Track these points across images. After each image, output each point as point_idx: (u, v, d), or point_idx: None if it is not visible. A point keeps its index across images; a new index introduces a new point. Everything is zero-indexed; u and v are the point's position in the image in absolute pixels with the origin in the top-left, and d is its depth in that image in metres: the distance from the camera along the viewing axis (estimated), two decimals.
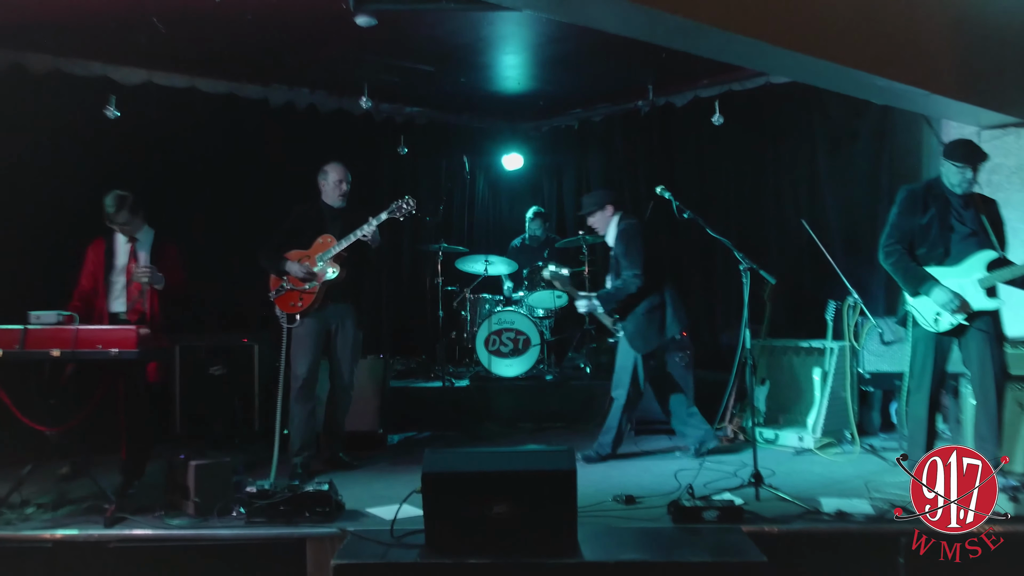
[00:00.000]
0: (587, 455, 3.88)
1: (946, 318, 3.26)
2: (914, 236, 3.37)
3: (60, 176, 4.53)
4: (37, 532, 2.82)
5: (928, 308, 3.32)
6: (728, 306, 5.43)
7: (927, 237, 3.33)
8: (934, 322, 3.30)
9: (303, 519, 2.85)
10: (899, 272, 3.36)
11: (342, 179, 3.79)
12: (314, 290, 3.67)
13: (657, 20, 2.94)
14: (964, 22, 3.96)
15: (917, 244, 3.37)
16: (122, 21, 4.11)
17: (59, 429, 3.12)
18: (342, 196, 3.80)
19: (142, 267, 3.42)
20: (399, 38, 4.58)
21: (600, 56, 4.97)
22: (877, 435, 4.42)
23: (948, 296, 3.23)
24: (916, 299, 3.35)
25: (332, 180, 3.79)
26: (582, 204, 4.11)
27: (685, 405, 4.01)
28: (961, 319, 3.25)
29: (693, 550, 2.53)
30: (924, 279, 3.29)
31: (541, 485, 2.50)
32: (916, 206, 3.35)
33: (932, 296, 3.27)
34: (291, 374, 3.67)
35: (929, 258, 3.34)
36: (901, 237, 3.37)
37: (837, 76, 3.65)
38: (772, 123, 5.44)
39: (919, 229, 3.35)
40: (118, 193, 3.45)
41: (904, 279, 3.35)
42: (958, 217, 3.30)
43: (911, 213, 3.36)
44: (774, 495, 3.10)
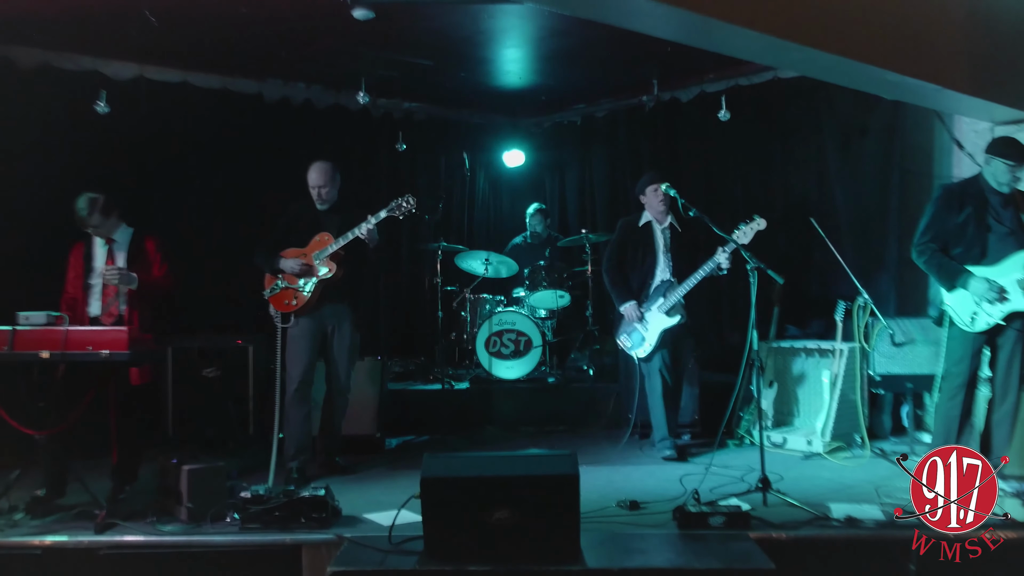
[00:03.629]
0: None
1: (983, 318, 3.23)
2: (950, 235, 3.35)
3: (49, 173, 4.47)
4: (26, 539, 2.79)
5: (965, 307, 3.29)
6: (735, 307, 5.36)
7: (963, 236, 3.31)
8: (971, 321, 3.27)
9: (299, 525, 2.82)
10: (932, 268, 3.36)
11: (318, 184, 3.67)
12: (310, 289, 3.59)
13: (662, 13, 2.90)
14: (977, 15, 3.93)
15: (953, 244, 3.35)
16: (113, 14, 4.06)
17: (48, 433, 3.07)
18: (321, 200, 3.69)
19: (111, 269, 3.35)
20: (397, 31, 4.53)
21: (603, 50, 4.92)
22: (888, 439, 4.39)
23: (985, 286, 3.20)
24: (953, 295, 3.32)
25: (309, 182, 3.70)
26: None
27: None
28: (999, 318, 3.21)
29: (699, 557, 2.50)
30: (959, 272, 3.28)
31: (543, 490, 2.48)
32: (952, 204, 3.33)
33: (970, 288, 3.25)
34: (287, 377, 3.62)
35: (965, 258, 3.31)
36: (935, 235, 3.36)
37: (847, 71, 3.60)
38: (780, 119, 5.38)
39: (955, 228, 3.33)
40: (89, 195, 3.39)
41: (939, 274, 3.35)
42: (996, 216, 3.28)
43: (947, 211, 3.34)
44: (782, 500, 3.07)
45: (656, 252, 4.00)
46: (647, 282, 4.00)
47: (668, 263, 3.98)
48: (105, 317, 3.40)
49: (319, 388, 3.80)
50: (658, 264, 3.99)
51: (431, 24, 4.44)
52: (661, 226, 4.03)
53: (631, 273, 4.06)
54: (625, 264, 4.09)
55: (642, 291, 4.01)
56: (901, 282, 4.71)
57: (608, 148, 6.38)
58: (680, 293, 3.86)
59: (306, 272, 3.59)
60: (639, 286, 4.03)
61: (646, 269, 4.00)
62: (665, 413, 3.95)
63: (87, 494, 3.03)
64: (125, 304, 3.39)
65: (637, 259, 4.03)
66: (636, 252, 4.04)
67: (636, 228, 4.06)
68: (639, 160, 6.12)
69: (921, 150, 4.77)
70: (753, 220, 3.61)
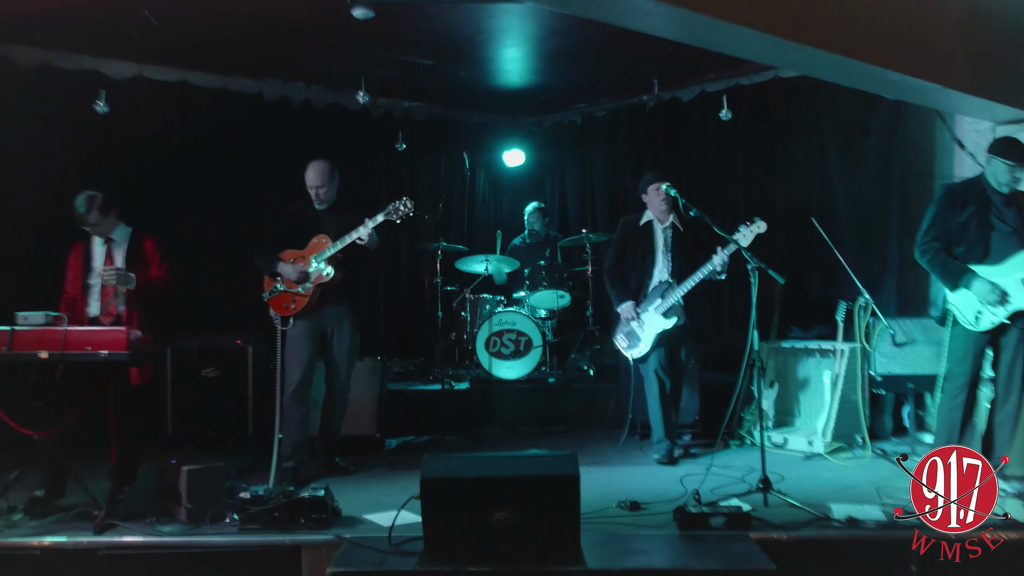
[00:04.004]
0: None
1: (987, 317, 3.23)
2: (952, 235, 3.35)
3: (48, 173, 4.48)
4: (25, 539, 2.78)
5: (969, 306, 3.28)
6: (735, 307, 5.35)
7: (966, 235, 3.30)
8: (975, 320, 3.26)
9: (298, 526, 2.81)
10: (936, 267, 3.36)
11: (315, 184, 3.66)
12: (308, 292, 3.60)
13: (663, 13, 2.89)
14: (978, 14, 3.91)
15: (956, 243, 3.34)
16: (112, 13, 4.05)
17: (47, 433, 3.06)
18: (319, 200, 3.68)
19: (108, 270, 3.34)
20: (397, 31, 4.52)
21: (604, 49, 4.91)
22: (889, 439, 4.37)
23: (987, 287, 3.20)
24: (956, 295, 3.32)
25: (307, 183, 3.68)
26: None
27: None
28: (1003, 316, 3.20)
29: (699, 557, 2.49)
30: (962, 272, 3.27)
31: (543, 491, 2.46)
32: (955, 204, 3.33)
33: (972, 289, 3.24)
34: (286, 377, 3.61)
35: (968, 257, 3.31)
36: (938, 235, 3.35)
37: (848, 70, 3.60)
38: (781, 118, 5.37)
39: (957, 228, 3.32)
40: (87, 193, 3.38)
41: (941, 274, 3.34)
42: (999, 215, 3.27)
43: (949, 211, 3.34)
44: (783, 501, 3.06)
45: (655, 252, 3.98)
46: (645, 282, 3.98)
47: (668, 263, 3.96)
48: (104, 317, 3.39)
49: (319, 388, 3.79)
50: (656, 264, 3.97)
51: (431, 23, 4.43)
52: (663, 225, 4.01)
53: (630, 272, 4.04)
54: (625, 263, 4.07)
55: (640, 291, 3.99)
56: (902, 282, 4.70)
57: (608, 148, 6.36)
58: (678, 295, 3.84)
59: (304, 277, 3.58)
60: (637, 285, 4.00)
61: (645, 268, 3.98)
62: (662, 416, 3.92)
63: (86, 495, 3.02)
64: (124, 304, 3.38)
65: (636, 258, 4.01)
66: (636, 251, 4.02)
67: (637, 227, 4.05)
68: (640, 160, 6.10)
69: (922, 150, 4.76)
70: (754, 222, 3.58)
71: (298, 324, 3.61)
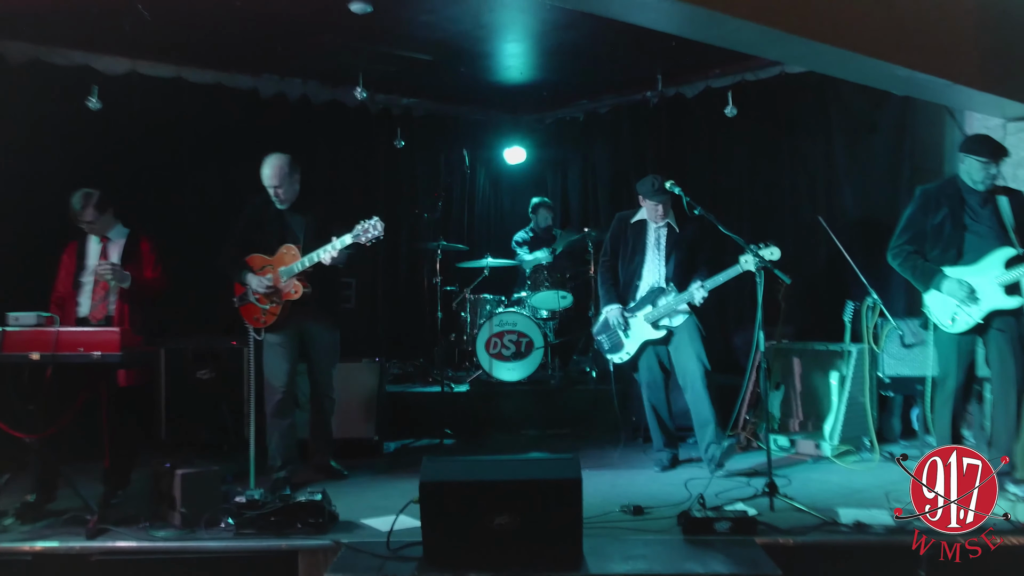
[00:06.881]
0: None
1: (962, 318, 3.22)
2: (927, 237, 3.36)
3: (40, 170, 4.45)
4: (16, 544, 2.76)
5: (943, 309, 3.30)
6: (741, 307, 5.29)
7: (940, 237, 3.32)
8: (951, 323, 3.27)
9: (295, 530, 2.79)
10: (907, 270, 3.39)
11: (272, 184, 3.40)
12: (276, 309, 3.46)
13: (667, 7, 2.87)
14: (988, 9, 3.89)
15: (931, 245, 3.36)
16: (105, 8, 4.02)
17: (39, 436, 3.03)
18: (279, 200, 3.45)
19: (104, 264, 3.30)
20: (395, 25, 4.50)
21: (607, 45, 4.88)
22: (898, 442, 4.33)
23: (955, 284, 3.21)
24: (929, 297, 3.34)
25: (263, 180, 3.41)
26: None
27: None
28: (979, 317, 3.20)
29: (704, 563, 2.48)
30: (932, 273, 3.30)
31: (545, 495, 2.45)
32: (929, 206, 3.35)
33: (943, 289, 3.26)
34: (267, 387, 3.53)
35: (943, 259, 3.32)
36: (912, 238, 3.38)
37: (855, 65, 3.57)
38: (787, 115, 5.33)
39: (932, 229, 3.34)
40: (84, 191, 3.35)
41: (913, 276, 3.38)
42: (973, 215, 3.27)
43: (923, 214, 3.37)
44: (789, 505, 3.03)
45: (646, 250, 3.85)
46: (634, 282, 3.85)
47: (661, 266, 3.83)
48: (93, 316, 3.35)
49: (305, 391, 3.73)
50: (646, 264, 3.84)
51: (430, 18, 4.41)
52: (656, 225, 3.90)
53: (620, 269, 3.95)
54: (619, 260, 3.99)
55: (627, 290, 3.88)
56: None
57: (611, 145, 6.32)
58: (671, 306, 3.70)
59: (272, 292, 3.44)
60: (625, 283, 3.90)
61: (634, 267, 3.86)
62: (657, 423, 3.84)
63: (78, 499, 2.99)
64: (115, 304, 3.34)
65: (626, 255, 3.90)
66: (626, 248, 3.91)
67: (629, 224, 3.94)
68: (643, 157, 6.06)
69: (932, 147, 4.72)
70: (768, 247, 3.34)
71: (271, 335, 3.50)
